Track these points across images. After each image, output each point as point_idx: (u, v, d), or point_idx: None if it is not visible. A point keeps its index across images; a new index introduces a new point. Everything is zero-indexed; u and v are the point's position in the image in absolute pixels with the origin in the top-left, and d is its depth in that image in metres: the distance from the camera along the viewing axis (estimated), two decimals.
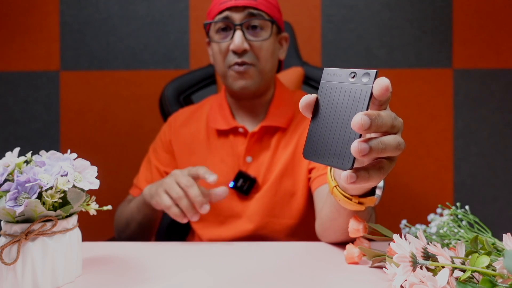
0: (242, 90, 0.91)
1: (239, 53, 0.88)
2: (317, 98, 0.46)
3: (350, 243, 0.64)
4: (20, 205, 0.50)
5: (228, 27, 0.90)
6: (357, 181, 0.42)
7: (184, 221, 0.77)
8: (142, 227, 0.93)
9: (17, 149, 0.58)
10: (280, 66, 1.05)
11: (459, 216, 0.65)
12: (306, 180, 0.93)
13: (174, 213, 0.76)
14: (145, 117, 1.65)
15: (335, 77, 0.45)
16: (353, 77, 0.43)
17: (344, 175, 0.42)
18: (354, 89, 0.43)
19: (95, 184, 0.55)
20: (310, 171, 0.92)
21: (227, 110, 0.97)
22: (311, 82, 1.25)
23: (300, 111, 0.98)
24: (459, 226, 0.64)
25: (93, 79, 1.65)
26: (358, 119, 0.40)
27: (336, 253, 0.69)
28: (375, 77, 0.42)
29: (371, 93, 0.42)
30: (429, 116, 1.62)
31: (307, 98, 0.45)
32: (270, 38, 0.92)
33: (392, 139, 0.42)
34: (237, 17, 0.88)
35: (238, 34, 0.87)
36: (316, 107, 0.45)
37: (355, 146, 0.40)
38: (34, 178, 0.51)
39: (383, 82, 0.41)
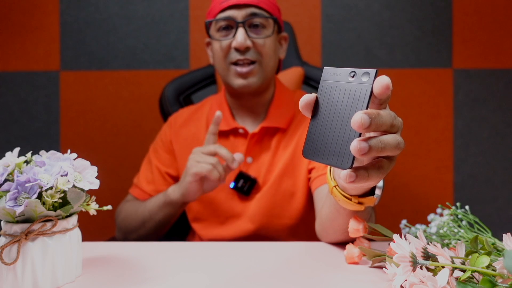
0: (243, 89, 0.91)
1: (242, 50, 0.88)
2: (316, 97, 0.46)
3: (350, 243, 0.64)
4: (20, 205, 0.50)
5: (230, 26, 0.90)
6: (356, 180, 0.42)
7: (221, 182, 0.84)
8: (160, 225, 0.94)
9: (17, 149, 0.58)
10: (279, 67, 1.05)
11: (459, 216, 0.65)
12: (306, 180, 0.93)
13: (215, 175, 0.82)
14: (145, 117, 1.65)
15: (335, 77, 0.45)
16: (353, 77, 0.43)
17: (343, 174, 0.42)
18: (354, 88, 0.43)
19: (95, 184, 0.55)
20: (310, 171, 0.92)
21: (227, 110, 0.97)
22: (311, 82, 1.25)
23: (300, 111, 0.98)
24: (459, 226, 0.64)
25: (93, 79, 1.65)
26: (358, 118, 0.40)
27: (336, 253, 0.69)
28: (375, 77, 0.42)
29: (371, 93, 0.42)
30: (429, 116, 1.62)
31: (307, 98, 0.45)
32: (272, 36, 0.92)
33: (391, 138, 0.42)
34: (239, 15, 0.88)
35: (241, 31, 0.87)
36: (316, 107, 0.45)
37: (355, 145, 0.40)
38: (34, 178, 0.51)
39: (383, 81, 0.41)
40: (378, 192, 0.57)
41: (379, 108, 0.44)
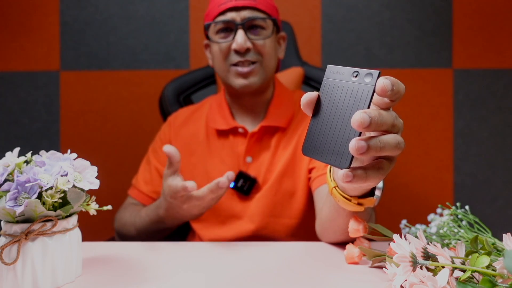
0: (244, 89, 0.91)
1: (242, 52, 0.88)
2: (318, 95, 0.46)
3: (350, 243, 0.64)
4: (20, 205, 0.50)
5: (229, 28, 0.90)
6: (354, 180, 0.42)
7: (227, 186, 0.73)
8: (161, 232, 0.94)
9: (17, 149, 0.58)
10: (278, 66, 1.05)
11: (459, 216, 0.65)
12: (306, 180, 0.93)
13: (219, 196, 0.75)
14: (145, 117, 1.64)
15: (338, 75, 0.45)
16: (356, 77, 0.43)
17: (341, 173, 0.42)
18: (356, 88, 0.42)
19: (95, 184, 0.55)
20: (310, 171, 0.92)
21: (227, 110, 0.97)
22: (311, 82, 1.25)
23: (300, 110, 0.98)
24: (459, 226, 0.64)
25: (93, 79, 1.65)
26: (358, 117, 0.39)
27: (336, 253, 0.69)
28: (378, 78, 0.42)
29: (373, 94, 0.41)
30: (429, 116, 1.62)
31: (309, 95, 0.45)
32: (272, 36, 0.92)
33: (391, 137, 0.42)
34: (238, 17, 0.88)
35: (240, 33, 0.87)
36: (317, 105, 0.45)
37: (353, 144, 0.40)
38: (34, 178, 0.51)
39: (384, 83, 0.41)
40: (377, 193, 0.57)
41: (386, 106, 0.44)
